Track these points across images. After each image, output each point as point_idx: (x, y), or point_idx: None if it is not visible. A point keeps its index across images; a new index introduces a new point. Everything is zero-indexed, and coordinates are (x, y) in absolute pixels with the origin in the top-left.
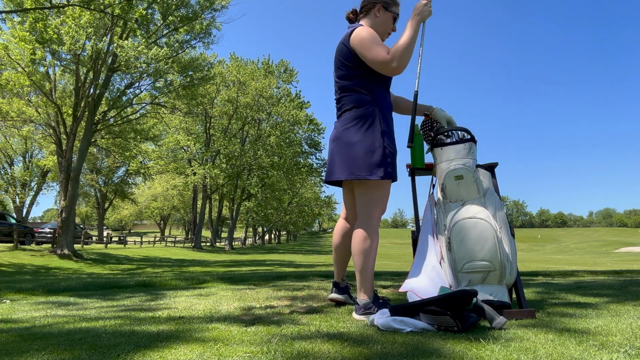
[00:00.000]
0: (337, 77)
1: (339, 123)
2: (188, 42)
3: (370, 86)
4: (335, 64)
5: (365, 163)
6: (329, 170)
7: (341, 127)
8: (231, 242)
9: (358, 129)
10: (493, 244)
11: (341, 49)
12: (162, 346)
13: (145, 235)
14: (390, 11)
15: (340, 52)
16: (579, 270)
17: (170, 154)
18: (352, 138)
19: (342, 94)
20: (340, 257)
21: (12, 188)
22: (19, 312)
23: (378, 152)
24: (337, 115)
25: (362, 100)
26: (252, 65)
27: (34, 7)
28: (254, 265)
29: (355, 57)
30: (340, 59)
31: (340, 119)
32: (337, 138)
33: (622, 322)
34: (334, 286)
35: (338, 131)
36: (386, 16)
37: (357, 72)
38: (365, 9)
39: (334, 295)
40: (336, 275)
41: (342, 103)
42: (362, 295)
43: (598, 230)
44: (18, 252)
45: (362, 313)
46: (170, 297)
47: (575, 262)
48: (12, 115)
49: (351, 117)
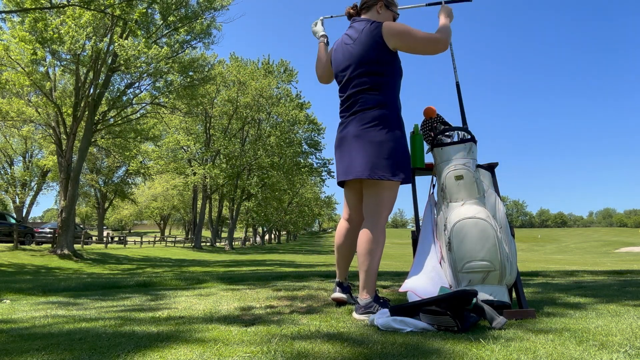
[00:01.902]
0: (357, 75)
1: (357, 121)
2: (188, 42)
3: (391, 87)
4: (358, 60)
5: (389, 164)
6: (347, 168)
7: (361, 126)
8: (231, 242)
9: (380, 129)
10: (493, 244)
11: (369, 44)
12: (162, 346)
13: (145, 235)
14: (391, 10)
15: (369, 48)
16: (579, 270)
17: (170, 154)
18: (376, 137)
19: (361, 92)
20: (344, 257)
21: (12, 188)
22: (19, 312)
23: (400, 154)
24: (349, 113)
25: (385, 101)
26: (252, 65)
27: (34, 7)
28: (254, 265)
29: (386, 53)
30: (368, 56)
31: (358, 117)
32: (358, 136)
33: (622, 322)
34: (337, 286)
35: (357, 129)
36: (387, 14)
37: (383, 70)
38: (366, 6)
39: (338, 294)
40: (339, 275)
41: (362, 101)
42: (364, 294)
43: (598, 230)
44: (18, 252)
45: (363, 312)
46: (170, 297)
47: (575, 262)
48: (12, 115)
49: (373, 117)
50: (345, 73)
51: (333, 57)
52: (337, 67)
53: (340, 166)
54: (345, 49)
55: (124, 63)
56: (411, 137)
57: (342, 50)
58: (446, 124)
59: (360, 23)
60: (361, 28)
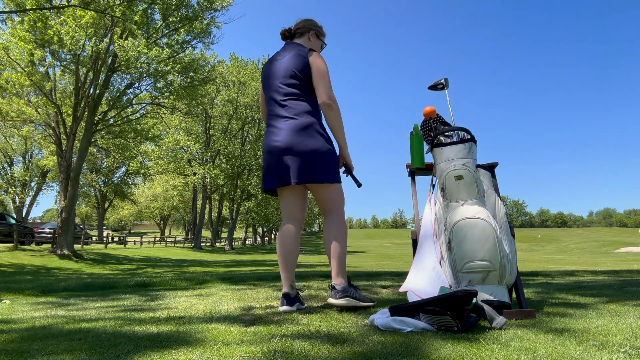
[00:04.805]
0: (286, 84)
1: (291, 128)
2: (188, 42)
3: (313, 98)
4: (286, 72)
5: (332, 166)
6: (299, 173)
7: (297, 133)
8: (231, 242)
9: (314, 135)
10: (493, 244)
11: (298, 60)
12: (162, 346)
13: (145, 235)
14: (320, 39)
15: (297, 63)
16: (579, 270)
17: (170, 154)
18: (313, 144)
19: (289, 100)
20: (293, 262)
21: (12, 188)
22: (19, 312)
23: (336, 156)
24: (277, 117)
25: (311, 110)
26: (253, 65)
27: (34, 8)
28: (254, 266)
29: (309, 70)
30: (295, 69)
31: (290, 124)
32: (291, 145)
33: (622, 322)
34: (285, 297)
35: (291, 138)
36: (317, 43)
37: (307, 84)
38: (299, 32)
39: (287, 307)
40: (289, 282)
41: (291, 109)
42: (340, 280)
43: (598, 230)
44: (18, 252)
45: (341, 297)
46: (170, 298)
47: (575, 262)
48: (12, 115)
49: (305, 124)
50: (275, 83)
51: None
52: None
53: (284, 172)
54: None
55: (124, 63)
56: (411, 137)
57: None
58: (446, 124)
59: (292, 46)
60: (291, 50)
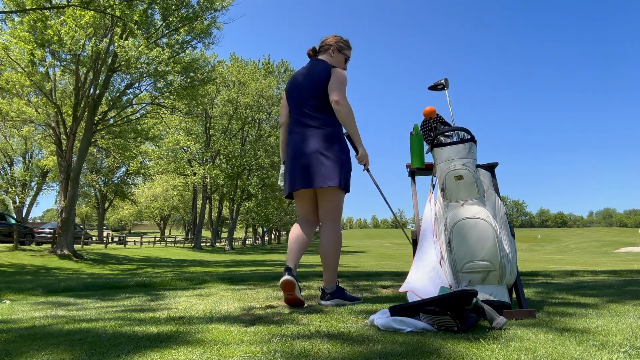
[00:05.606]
0: (315, 97)
1: (319, 136)
2: (188, 42)
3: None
4: (316, 86)
5: (344, 172)
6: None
7: (324, 141)
8: (231, 242)
9: (339, 144)
10: (493, 244)
11: (325, 75)
12: (162, 346)
13: (145, 235)
14: (343, 53)
15: (325, 77)
16: (579, 270)
17: (170, 154)
18: (334, 150)
19: (318, 112)
20: (300, 247)
21: (12, 188)
22: (19, 312)
23: (350, 164)
24: (306, 127)
25: (336, 121)
26: (253, 65)
27: (34, 8)
28: (254, 266)
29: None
30: (319, 83)
31: (318, 133)
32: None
33: (622, 322)
34: (287, 271)
35: (320, 143)
36: (340, 57)
37: (327, 98)
38: (322, 49)
39: (289, 277)
40: (294, 263)
41: (321, 120)
42: (332, 284)
43: (598, 230)
44: (18, 252)
45: (330, 299)
46: (170, 298)
47: (575, 262)
48: (12, 115)
49: (331, 134)
50: (304, 96)
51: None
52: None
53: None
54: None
55: (124, 63)
56: (411, 137)
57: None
58: (446, 124)
59: (316, 62)
60: (316, 65)
